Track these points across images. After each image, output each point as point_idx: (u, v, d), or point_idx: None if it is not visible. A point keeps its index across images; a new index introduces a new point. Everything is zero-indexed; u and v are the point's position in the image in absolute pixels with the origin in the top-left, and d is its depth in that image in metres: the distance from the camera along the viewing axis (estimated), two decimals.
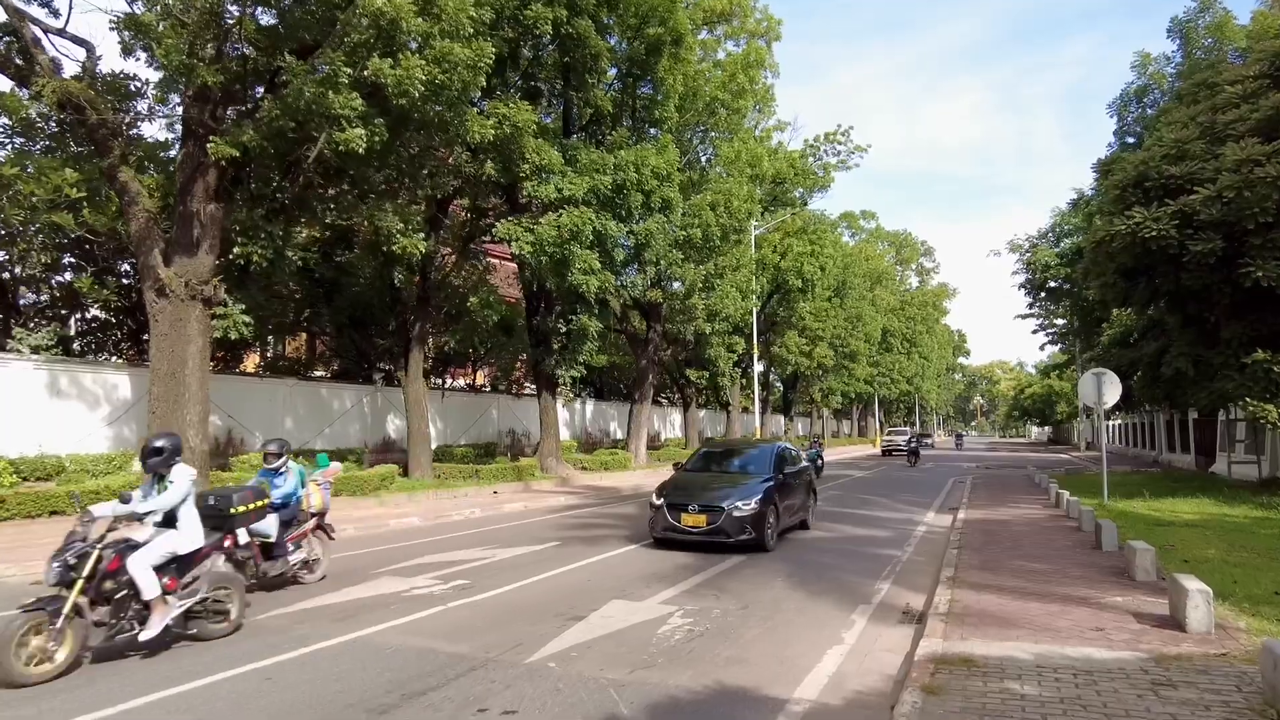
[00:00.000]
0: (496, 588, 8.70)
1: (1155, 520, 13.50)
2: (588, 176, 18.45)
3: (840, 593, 8.52)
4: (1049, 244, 37.21)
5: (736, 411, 42.60)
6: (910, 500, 19.51)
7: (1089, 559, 9.75)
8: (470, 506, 17.15)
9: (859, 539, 12.71)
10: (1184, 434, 32.96)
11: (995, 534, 12.23)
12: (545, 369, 23.99)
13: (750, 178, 36.19)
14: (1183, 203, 16.23)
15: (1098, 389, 15.71)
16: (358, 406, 23.75)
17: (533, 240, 17.35)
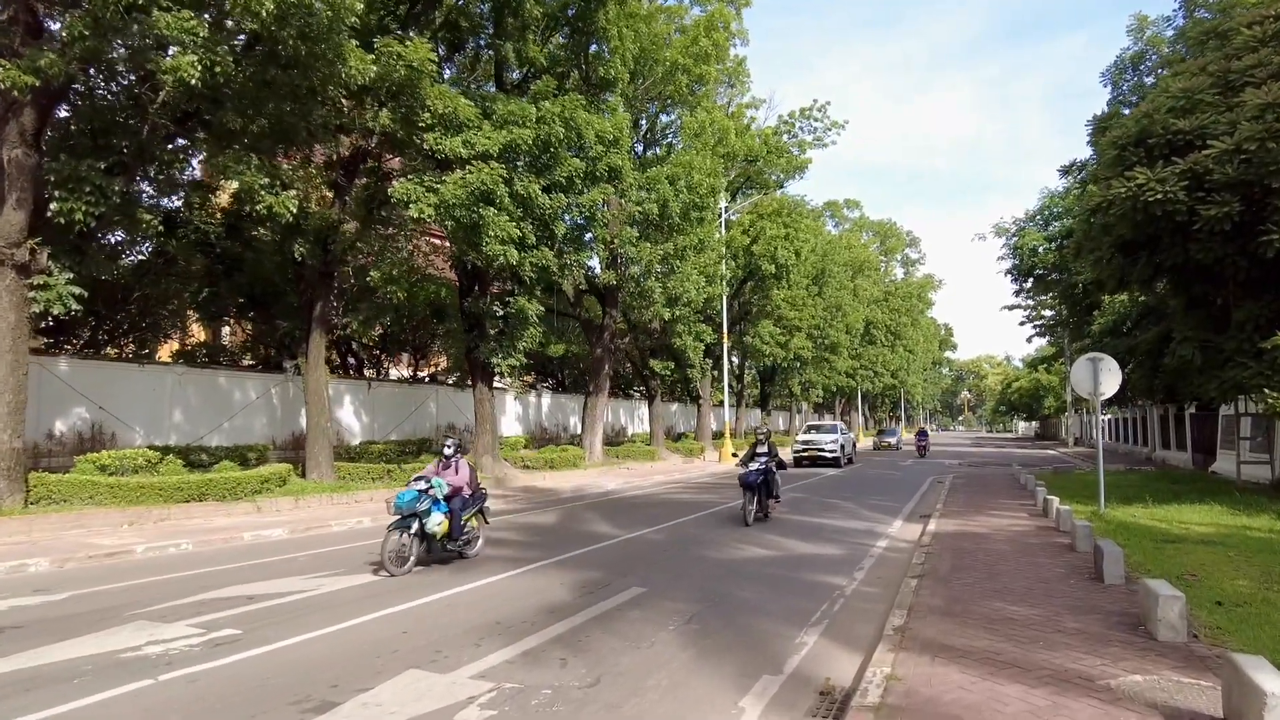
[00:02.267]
0: (267, 643, 6.24)
1: (1163, 535, 11.13)
2: (506, 130, 15.87)
3: (745, 651, 6.08)
4: (1037, 227, 34.90)
5: (708, 405, 40.14)
6: (878, 504, 17.11)
7: (1088, 597, 7.33)
8: (362, 515, 14.65)
9: (803, 559, 10.28)
10: (1180, 430, 30.75)
11: (968, 555, 9.81)
12: (479, 356, 21.45)
13: (722, 156, 33.80)
14: (1193, 161, 13.85)
15: (1093, 377, 13.33)
16: (265, 398, 21.16)
17: (436, 203, 14.79)
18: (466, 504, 10.01)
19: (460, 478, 9.98)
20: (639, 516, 14.71)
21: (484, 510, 10.55)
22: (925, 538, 11.51)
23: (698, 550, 10.81)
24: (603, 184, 21.17)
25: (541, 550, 10.76)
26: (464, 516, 9.94)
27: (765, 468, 13.69)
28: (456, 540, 9.78)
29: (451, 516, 9.62)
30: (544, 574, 9.12)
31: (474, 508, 10.25)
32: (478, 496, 10.36)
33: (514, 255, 16.11)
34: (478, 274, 21.52)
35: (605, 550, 10.83)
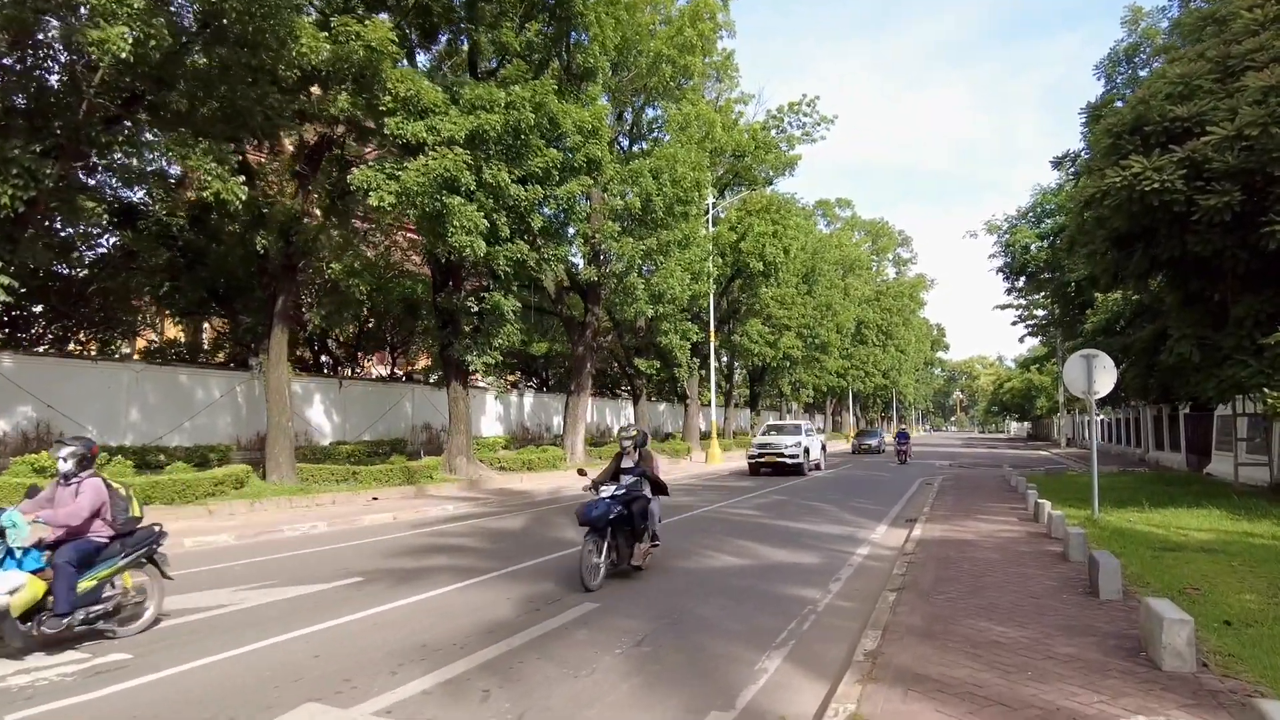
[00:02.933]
0: (155, 670, 5.52)
1: (1161, 542, 10.46)
2: (473, 115, 15.11)
3: (696, 681, 5.37)
4: (1029, 224, 34.30)
5: (695, 404, 39.44)
6: (863, 508, 16.43)
7: (1082, 615, 6.64)
8: (320, 519, 13.90)
9: (777, 568, 9.57)
10: (1174, 430, 30.19)
11: (953, 565, 9.12)
12: (453, 354, 20.70)
13: (710, 151, 33.10)
14: (1191, 149, 13.20)
15: (1087, 375, 12.66)
16: (229, 396, 20.37)
17: (397, 190, 14.03)
18: (92, 553, 6.20)
19: (78, 506, 6.15)
20: None
21: (155, 558, 6.70)
22: (909, 545, 10.83)
23: (666, 559, 10.10)
24: (581, 176, 20.45)
25: (497, 559, 10.03)
26: (92, 575, 6.13)
27: (628, 494, 8.63)
28: (65, 613, 5.88)
29: (57, 574, 5.87)
30: (492, 587, 8.39)
31: (120, 558, 6.37)
32: (137, 536, 6.57)
33: (481, 246, 15.37)
34: (451, 268, 20.78)
35: (566, 559, 10.10)
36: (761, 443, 26.29)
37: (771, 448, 25.59)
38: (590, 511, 8.23)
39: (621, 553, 8.68)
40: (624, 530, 8.64)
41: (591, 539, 8.21)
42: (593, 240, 25.21)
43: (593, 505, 8.32)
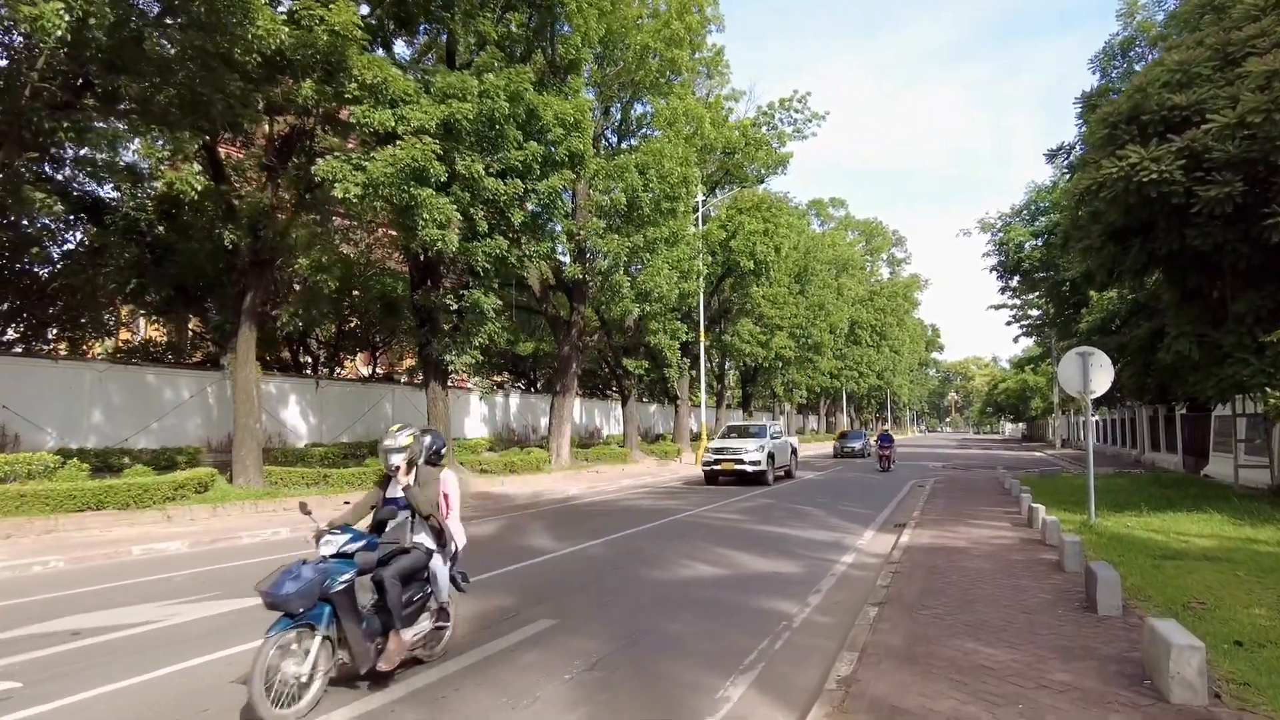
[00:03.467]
0: (45, 701, 4.96)
1: (1161, 549, 9.91)
2: (445, 104, 14.51)
3: (647, 711, 4.79)
4: (1023, 222, 33.81)
5: (686, 406, 38.87)
6: (851, 512, 15.87)
7: (1079, 634, 6.08)
8: (283, 524, 13.30)
9: (754, 579, 8.99)
10: (1170, 431, 29.70)
11: (941, 575, 8.56)
12: (432, 353, 20.08)
13: (699, 148, 32.56)
14: (1190, 138, 12.67)
15: (1083, 373, 12.11)
16: (200, 397, 19.73)
17: (364, 181, 13.43)
18: None
19: None
20: (589, 527, 13.40)
21: None
22: (896, 552, 10.26)
23: (638, 568, 9.52)
24: (563, 170, 19.88)
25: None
26: None
27: (380, 549, 5.35)
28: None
29: None
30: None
31: None
32: None
33: (453, 240, 14.78)
34: (429, 265, 20.16)
35: (533, 569, 9.52)
36: (718, 447, 22.33)
37: (729, 453, 21.88)
38: (280, 587, 4.60)
39: (357, 650, 4.91)
40: (370, 613, 5.12)
41: (280, 634, 4.54)
42: (578, 237, 24.64)
43: (289, 573, 4.72)
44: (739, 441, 22.62)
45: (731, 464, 21.62)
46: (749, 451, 21.79)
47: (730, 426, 24.94)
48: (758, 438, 23.07)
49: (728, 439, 23.35)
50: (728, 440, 23.10)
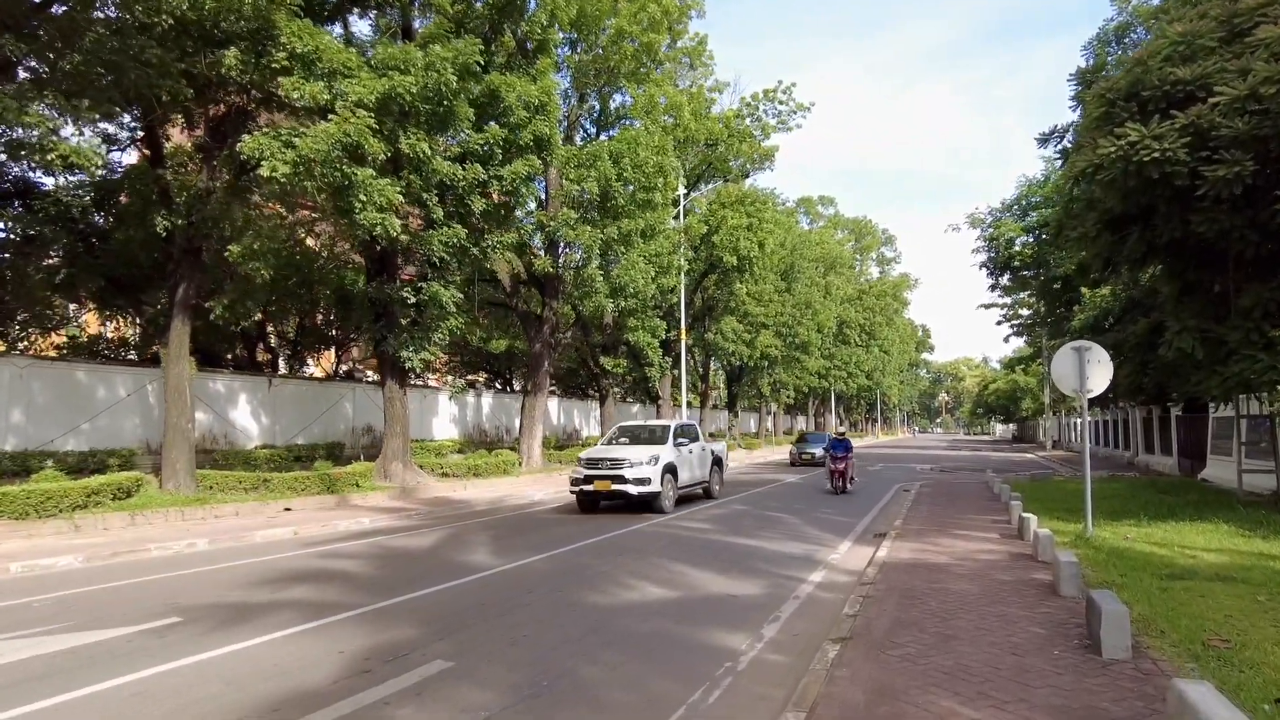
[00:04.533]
0: None
1: (1167, 566, 8.80)
2: (386, 78, 13.30)
3: None
4: (1014, 217, 32.78)
5: (668, 406, 37.64)
6: (829, 519, 14.76)
7: (1081, 686, 4.95)
8: (205, 535, 12.08)
9: (705, 603, 7.85)
10: (1164, 433, 28.77)
11: (918, 601, 7.43)
12: (388, 349, 18.89)
13: (682, 141, 31.49)
14: (1195, 114, 11.60)
15: (1078, 370, 11.02)
16: (138, 395, 18.46)
17: (294, 159, 12.22)
18: None
19: None
20: (538, 539, 12.23)
21: None
22: (871, 569, 9.14)
23: (576, 590, 8.36)
24: (528, 155, 18.71)
25: (369, 592, 8.25)
26: None
27: None
28: None
29: None
30: (332, 634, 6.62)
31: None
32: None
33: (394, 225, 13.58)
34: (385, 256, 18.99)
35: (455, 591, 8.36)
36: (593, 457, 15.76)
37: (607, 466, 15.32)
38: None
39: None
40: None
41: None
42: (548, 229, 23.48)
43: None
44: (626, 450, 15.82)
45: (608, 481, 15.09)
46: (635, 464, 15.11)
47: (621, 427, 18.22)
48: (652, 444, 16.31)
49: (611, 446, 16.65)
50: (610, 448, 16.32)
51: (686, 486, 16.98)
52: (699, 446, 17.98)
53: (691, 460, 17.30)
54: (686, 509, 16.33)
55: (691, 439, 17.68)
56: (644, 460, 15.26)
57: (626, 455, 15.37)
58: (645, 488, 15.02)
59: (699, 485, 18.02)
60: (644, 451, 15.62)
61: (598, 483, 15.20)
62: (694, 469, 17.49)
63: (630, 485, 14.98)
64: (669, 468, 15.81)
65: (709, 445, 19.01)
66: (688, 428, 18.01)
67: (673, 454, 16.16)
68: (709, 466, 18.51)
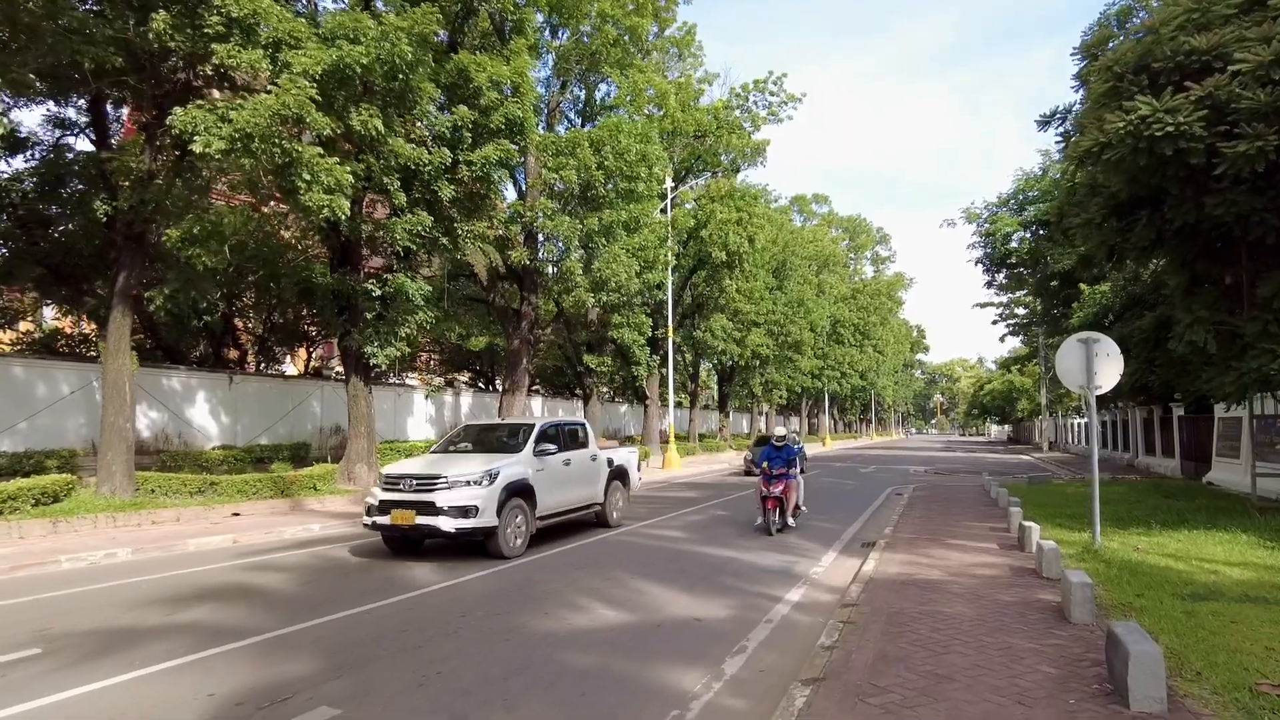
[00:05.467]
0: None
1: (1188, 584, 7.80)
2: (335, 47, 12.23)
3: None
4: (1011, 212, 31.84)
5: (655, 406, 36.61)
6: (815, 526, 13.73)
7: None
8: (133, 543, 11.02)
9: (664, 629, 6.83)
10: (1166, 434, 27.83)
11: (907, 628, 6.41)
12: (351, 344, 17.83)
13: (669, 133, 30.52)
14: (1213, 84, 10.63)
15: (1085, 365, 10.02)
16: (84, 392, 17.38)
17: (230, 134, 11.16)
18: None
19: None
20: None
21: None
22: (855, 586, 8.11)
23: (516, 613, 7.32)
24: (500, 139, 17.67)
25: (283, 613, 7.21)
26: None
27: None
28: None
29: None
30: (217, 668, 5.59)
31: None
32: None
33: (343, 207, 12.51)
34: (349, 245, 17.94)
35: (378, 614, 7.31)
36: (395, 474, 10.56)
37: (410, 487, 10.20)
38: None
39: None
40: None
41: None
42: (525, 219, 22.45)
43: None
44: (450, 462, 10.72)
45: (414, 510, 9.92)
46: (453, 486, 9.97)
47: (468, 428, 12.86)
48: (501, 451, 11.34)
49: (435, 458, 11.28)
50: (433, 459, 11.21)
51: (557, 514, 11.65)
52: (583, 456, 12.56)
53: (566, 475, 11.86)
54: (673, 512, 15.30)
55: (568, 444, 12.30)
56: (468, 478, 9.92)
57: (443, 471, 10.06)
58: (468, 521, 9.72)
59: (584, 510, 12.64)
60: (473, 465, 10.32)
61: (396, 513, 9.86)
62: (571, 488, 12.05)
63: (444, 517, 9.69)
64: (516, 488, 10.40)
65: (607, 453, 13.52)
66: (565, 429, 12.56)
67: (525, 467, 10.80)
68: (602, 483, 13.07)
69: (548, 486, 11.30)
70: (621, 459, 14.07)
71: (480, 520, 9.88)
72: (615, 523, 13.52)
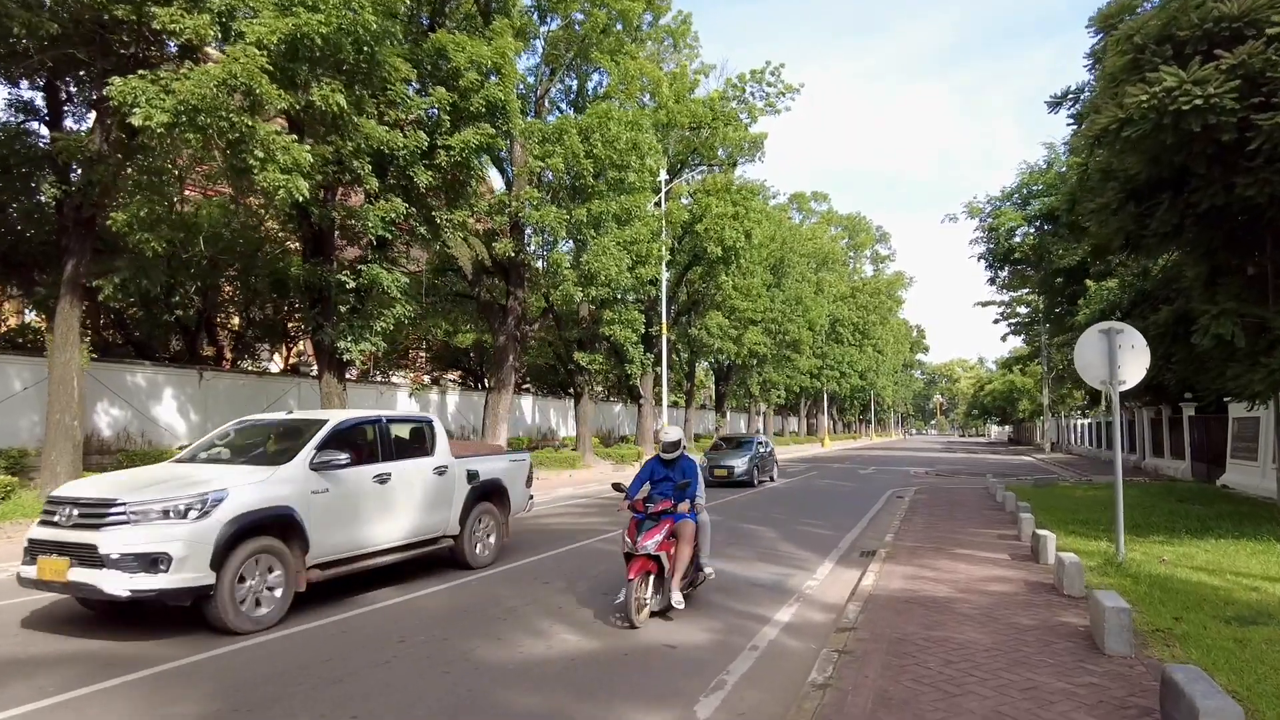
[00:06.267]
0: None
1: (1228, 603, 6.88)
2: (292, 15, 11.29)
3: None
4: (1014, 206, 30.92)
5: (649, 405, 35.61)
6: (811, 533, 12.82)
7: None
8: None
9: (634, 657, 5.91)
10: (1175, 434, 26.96)
11: (913, 661, 5.48)
12: (324, 339, 16.93)
13: (663, 125, 29.62)
14: (1247, 51, 9.71)
15: (1108, 357, 9.11)
16: (38, 389, 16.41)
17: (173, 107, 10.24)
18: None
19: None
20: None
21: None
22: (853, 605, 7.19)
23: (464, 637, 6.40)
24: (480, 123, 16.78)
25: (195, 638, 6.27)
26: None
27: None
28: None
29: None
30: (88, 709, 4.66)
31: None
32: None
33: (302, 188, 11.57)
34: (322, 234, 17.03)
35: (303, 638, 6.40)
36: (59, 499, 6.67)
37: (73, 521, 6.31)
38: None
39: None
40: None
41: None
42: (510, 209, 21.55)
43: None
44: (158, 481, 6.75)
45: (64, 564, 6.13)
46: (131, 523, 6.16)
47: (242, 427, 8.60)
48: (260, 465, 7.37)
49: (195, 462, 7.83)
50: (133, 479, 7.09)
51: (363, 556, 7.73)
52: (417, 469, 8.51)
53: (380, 498, 7.92)
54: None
55: (392, 451, 8.31)
56: (166, 505, 6.25)
57: (124, 495, 6.33)
58: (153, 579, 6.02)
59: (421, 547, 8.53)
60: (187, 485, 6.51)
61: (45, 561, 6.23)
62: (391, 516, 8.05)
63: (111, 572, 6.00)
64: (259, 522, 6.66)
65: (470, 463, 9.37)
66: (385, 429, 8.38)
67: (286, 487, 6.97)
68: (456, 507, 8.96)
69: (338, 516, 7.30)
70: (494, 471, 9.75)
71: (177, 577, 6.03)
72: (480, 561, 9.31)
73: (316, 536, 7.07)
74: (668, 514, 6.98)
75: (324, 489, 7.23)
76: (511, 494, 10.06)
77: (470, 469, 9.32)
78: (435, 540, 8.78)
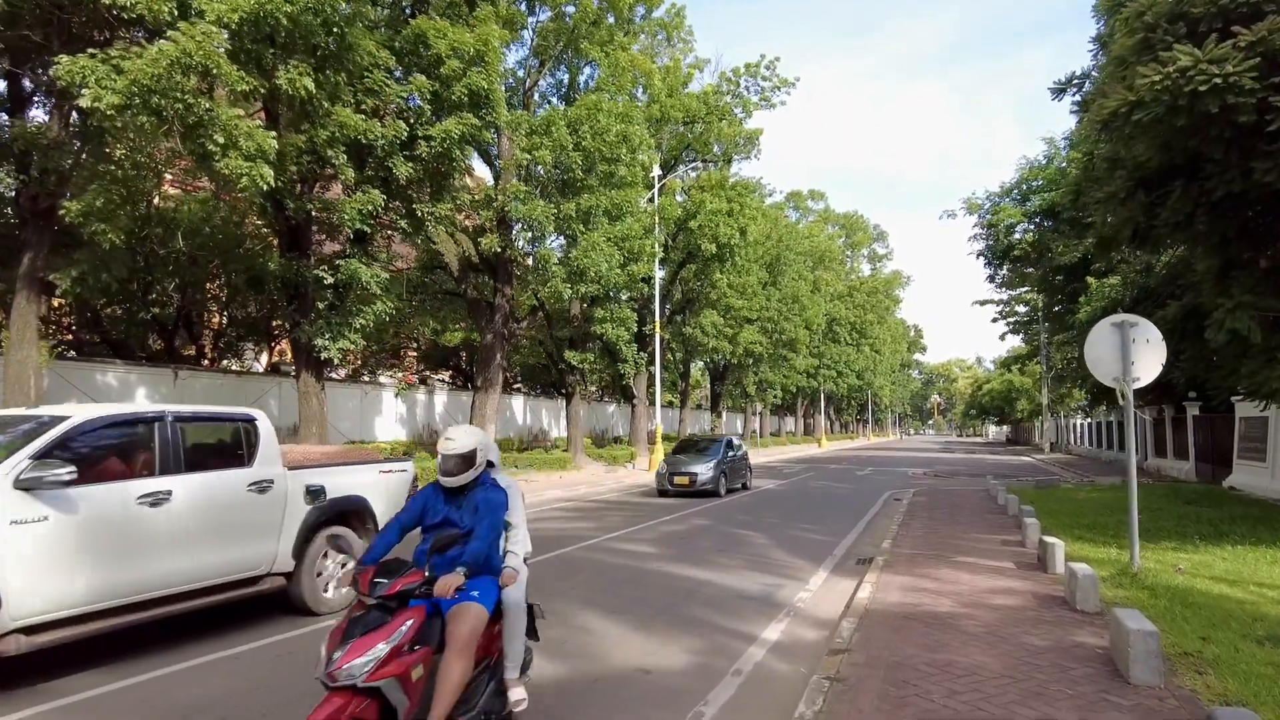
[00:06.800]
0: None
1: (1256, 618, 6.30)
2: None
3: None
4: (1014, 202, 30.35)
5: (643, 405, 35.01)
6: (804, 538, 12.20)
7: None
8: None
9: (602, 686, 5.31)
10: (1178, 434, 26.40)
11: (915, 687, 4.87)
12: (301, 337, 16.31)
13: (656, 120, 29.04)
14: (1268, 27, 9.13)
15: (1121, 352, 8.52)
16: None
17: (124, 87, 9.61)
18: None
19: None
20: None
21: None
22: (847, 623, 6.58)
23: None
24: (461, 113, 16.18)
25: (127, 663, 5.66)
26: None
27: None
28: None
29: None
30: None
31: None
32: None
33: (267, 176, 10.94)
34: (298, 228, 16.44)
35: (253, 657, 5.77)
36: None
37: None
38: None
39: None
40: None
41: None
42: (495, 203, 20.93)
43: None
44: None
45: None
46: None
47: None
48: None
49: None
50: None
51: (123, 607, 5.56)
52: (225, 484, 6.38)
53: (153, 527, 5.74)
54: (651, 520, 13.71)
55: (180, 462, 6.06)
56: None
57: None
58: None
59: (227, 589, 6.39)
60: None
61: None
62: (176, 550, 5.88)
63: None
64: None
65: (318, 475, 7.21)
66: (169, 430, 6.07)
67: None
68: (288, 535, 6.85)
69: (60, 554, 5.18)
70: (351, 486, 7.51)
71: None
72: (330, 606, 7.15)
73: (17, 583, 4.90)
74: (419, 598, 3.79)
75: (37, 517, 5.05)
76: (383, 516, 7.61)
77: (312, 484, 7.05)
78: (253, 580, 6.57)
